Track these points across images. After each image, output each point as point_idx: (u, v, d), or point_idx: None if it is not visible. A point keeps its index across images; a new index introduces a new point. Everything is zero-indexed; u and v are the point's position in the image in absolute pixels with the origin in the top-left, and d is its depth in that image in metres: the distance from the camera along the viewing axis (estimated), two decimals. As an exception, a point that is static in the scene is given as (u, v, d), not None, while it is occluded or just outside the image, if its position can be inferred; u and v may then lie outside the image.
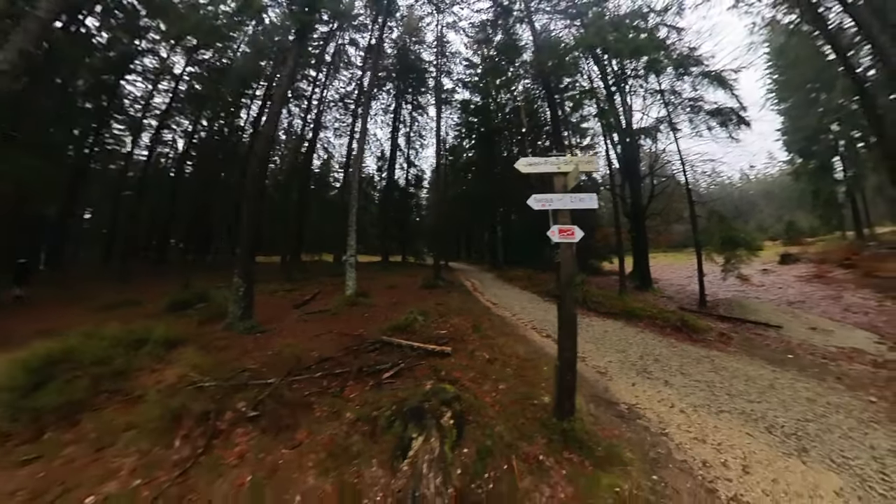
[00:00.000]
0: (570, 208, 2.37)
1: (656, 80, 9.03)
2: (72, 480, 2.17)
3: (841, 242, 18.05)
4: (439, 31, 16.15)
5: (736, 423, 2.81)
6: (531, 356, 4.32)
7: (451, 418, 2.20)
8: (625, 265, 10.37)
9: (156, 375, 3.48)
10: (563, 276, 2.41)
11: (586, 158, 2.48)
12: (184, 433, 2.52)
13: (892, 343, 4.91)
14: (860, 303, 7.45)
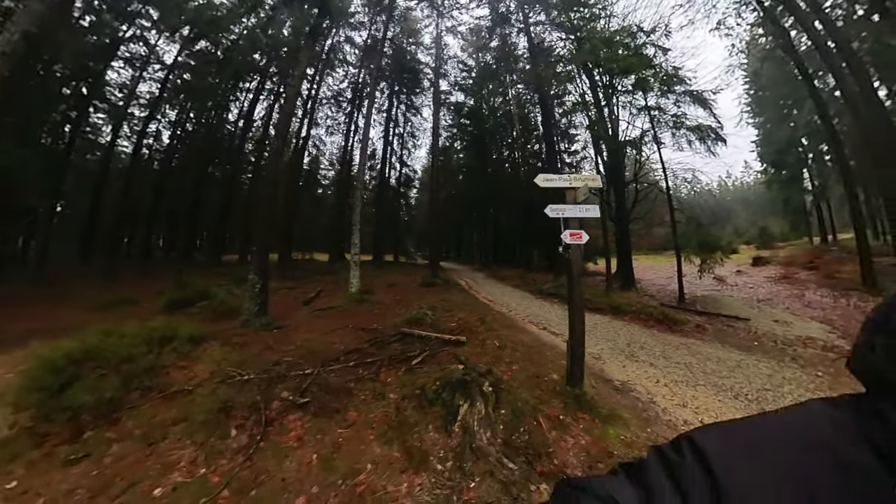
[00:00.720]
0: (579, 217, 2.90)
1: (643, 96, 9.74)
2: (131, 475, 2.19)
3: (807, 247, 19.52)
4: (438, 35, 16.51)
5: (710, 393, 3.40)
6: (534, 344, 4.83)
7: (490, 386, 2.66)
8: (610, 266, 11.11)
9: (185, 372, 3.57)
10: (574, 270, 2.94)
11: (592, 176, 3.01)
12: (237, 423, 2.65)
13: (841, 332, 5.68)
14: (819, 300, 8.31)
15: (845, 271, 11.00)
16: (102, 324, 5.60)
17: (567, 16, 12.30)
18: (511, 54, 15.36)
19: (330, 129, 21.95)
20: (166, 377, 3.37)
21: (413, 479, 2.03)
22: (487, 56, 17.72)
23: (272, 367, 3.55)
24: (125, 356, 3.30)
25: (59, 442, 2.49)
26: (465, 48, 20.33)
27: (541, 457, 2.16)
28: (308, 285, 10.65)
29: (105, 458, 2.34)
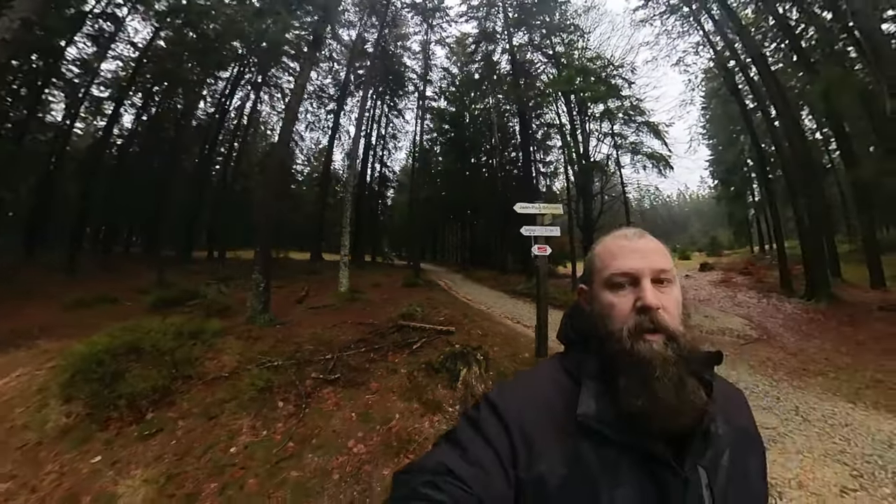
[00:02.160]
0: (545, 235, 3.76)
1: (609, 125, 11.06)
2: (205, 441, 2.65)
3: (746, 255, 21.98)
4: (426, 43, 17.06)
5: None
6: (510, 334, 5.66)
7: (481, 356, 3.51)
8: (577, 269, 12.29)
9: (216, 362, 4.03)
10: (541, 273, 3.83)
11: (555, 207, 3.95)
12: (282, 397, 3.25)
13: (755, 325, 6.95)
14: (747, 300, 9.77)
15: (772, 276, 12.77)
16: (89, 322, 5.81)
17: (549, 41, 13.56)
18: (494, 70, 16.32)
19: (311, 125, 21.57)
20: (202, 367, 3.81)
21: (432, 419, 2.83)
22: (472, 66, 18.53)
23: (296, 355, 4.11)
24: (165, 349, 3.66)
25: (124, 424, 2.86)
26: (451, 57, 21.12)
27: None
28: (295, 284, 10.92)
29: (177, 431, 2.79)
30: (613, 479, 0.44)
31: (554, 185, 21.11)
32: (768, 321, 7.31)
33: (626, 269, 0.51)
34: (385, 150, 25.37)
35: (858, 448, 2.67)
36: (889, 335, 5.61)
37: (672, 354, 0.45)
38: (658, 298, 0.48)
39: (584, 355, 0.53)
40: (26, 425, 2.92)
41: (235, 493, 2.30)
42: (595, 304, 0.54)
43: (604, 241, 0.58)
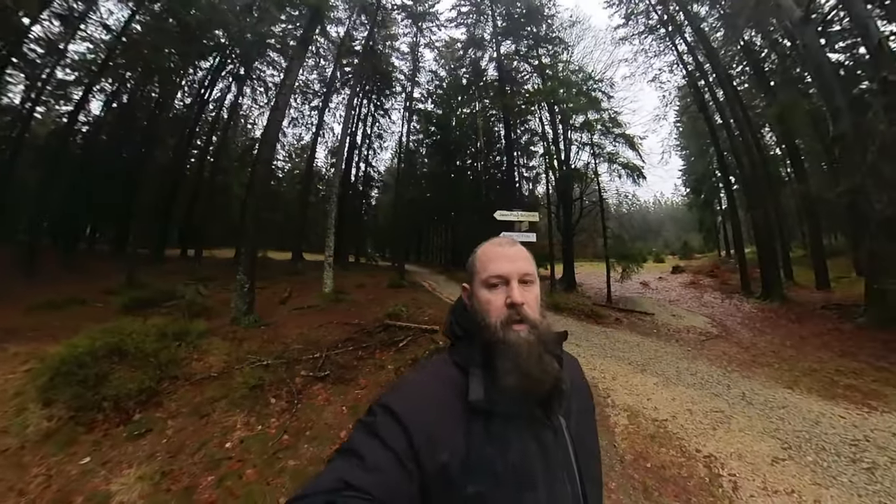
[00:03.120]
0: (522, 240, 4.04)
1: (588, 135, 11.67)
2: (198, 438, 2.69)
3: (714, 259, 23.38)
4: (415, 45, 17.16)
5: (613, 362, 4.70)
6: (490, 333, 5.89)
7: None
8: (556, 271, 12.77)
9: (202, 363, 4.07)
10: None
11: (532, 214, 4.23)
12: (273, 394, 3.35)
13: (716, 323, 7.55)
14: (711, 300, 10.51)
15: (734, 279, 13.72)
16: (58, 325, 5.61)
17: (535, 52, 14.13)
18: (482, 76, 16.64)
19: (294, 121, 20.94)
20: (188, 368, 3.83)
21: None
22: (460, 71, 18.76)
23: (284, 354, 4.19)
24: (149, 351, 3.67)
25: (111, 426, 2.86)
26: (439, 60, 21.30)
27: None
28: (277, 285, 10.77)
29: (167, 430, 2.82)
30: (505, 445, 0.53)
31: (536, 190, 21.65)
32: (728, 319, 7.96)
33: (500, 272, 0.61)
34: (370, 149, 25.06)
35: (791, 426, 3.09)
36: (828, 331, 6.28)
37: (534, 339, 0.57)
38: (523, 296, 0.60)
39: (470, 348, 0.61)
40: (5, 430, 2.88)
41: (234, 482, 2.40)
42: (475, 301, 0.64)
43: (483, 247, 0.68)
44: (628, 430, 3.01)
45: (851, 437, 2.89)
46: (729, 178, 14.28)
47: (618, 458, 2.62)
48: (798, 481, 2.36)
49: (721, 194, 24.46)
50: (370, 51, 17.15)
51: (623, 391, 3.77)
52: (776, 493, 2.26)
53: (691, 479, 2.40)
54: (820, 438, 2.87)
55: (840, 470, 2.48)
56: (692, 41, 12.91)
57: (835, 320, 6.82)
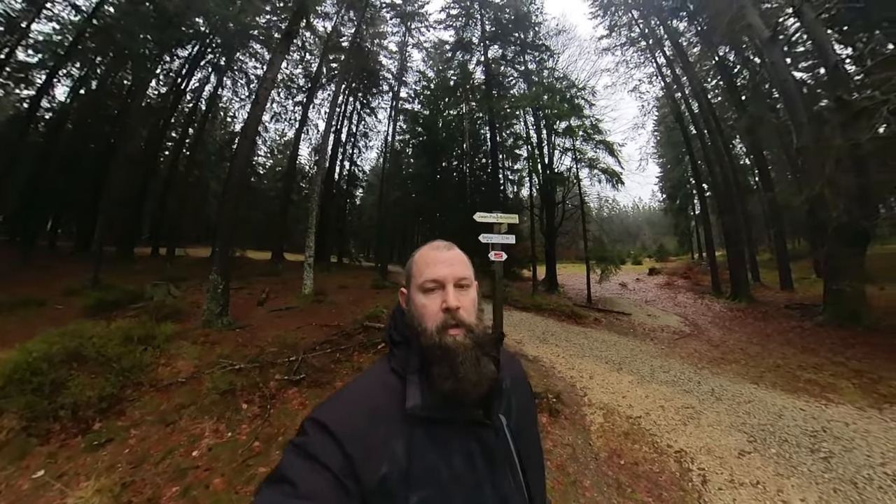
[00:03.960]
0: (501, 242, 4.07)
1: (571, 140, 12.06)
2: (164, 447, 2.55)
3: (688, 261, 24.37)
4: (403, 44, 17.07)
5: (591, 361, 4.79)
6: (472, 333, 5.90)
7: None
8: (538, 273, 12.96)
9: (170, 368, 3.89)
10: (497, 278, 4.13)
11: (511, 217, 4.24)
12: (245, 399, 3.18)
13: (689, 322, 7.84)
14: (685, 301, 10.93)
15: (706, 280, 14.34)
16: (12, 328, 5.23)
17: (521, 57, 14.40)
18: (469, 79, 16.75)
19: (277, 116, 20.38)
20: (154, 373, 3.63)
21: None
22: (448, 73, 18.81)
23: (259, 357, 4.00)
24: (111, 356, 3.48)
25: (68, 436, 2.69)
26: (427, 61, 21.28)
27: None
28: (255, 286, 10.42)
29: (129, 440, 2.67)
30: (447, 450, 0.53)
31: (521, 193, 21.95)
32: (700, 318, 8.29)
33: (436, 276, 0.61)
34: (355, 147, 24.71)
35: (756, 420, 3.23)
36: (791, 328, 6.65)
37: (470, 342, 0.57)
38: (459, 300, 0.60)
39: (408, 353, 0.61)
40: (-50, 444, 2.65)
41: (200, 493, 2.27)
42: (411, 306, 0.63)
43: (420, 251, 0.67)
44: (603, 428, 3.07)
45: (811, 429, 3.05)
46: (702, 185, 14.98)
47: (593, 455, 2.67)
48: (762, 473, 2.47)
49: (695, 200, 25.64)
50: (357, 47, 16.90)
51: (599, 390, 3.85)
52: (742, 485, 2.35)
53: (663, 474, 2.47)
54: (783, 431, 3.02)
55: (800, 460, 2.61)
56: (671, 55, 13.55)
57: (797, 319, 7.24)
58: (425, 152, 23.32)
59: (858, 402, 3.56)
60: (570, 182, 12.82)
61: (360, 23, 14.29)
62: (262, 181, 26.09)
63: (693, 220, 26.96)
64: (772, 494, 2.25)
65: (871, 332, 5.65)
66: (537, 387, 3.58)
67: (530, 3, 15.11)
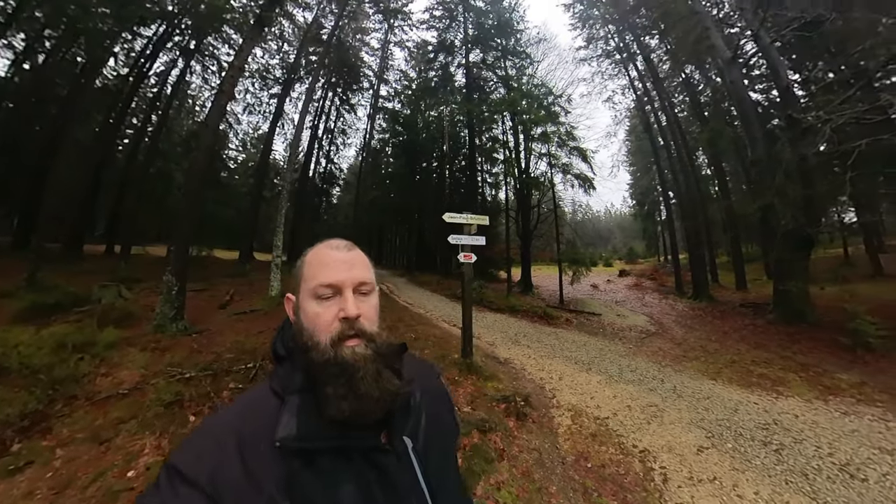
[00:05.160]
0: (471, 244, 4.02)
1: (546, 146, 12.43)
2: (94, 469, 2.29)
3: (654, 263, 25.62)
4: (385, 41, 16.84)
5: (561, 362, 4.82)
6: (443, 336, 5.82)
7: None
8: (512, 275, 13.12)
9: (111, 378, 3.55)
10: (465, 279, 4.07)
11: (482, 217, 4.21)
12: (193, 411, 2.95)
13: (654, 321, 8.16)
14: (651, 301, 11.40)
15: (671, 281, 15.06)
16: None
17: (502, 63, 14.61)
18: (450, 81, 16.78)
19: (250, 107, 19.36)
20: (91, 385, 3.31)
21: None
22: (430, 74, 18.74)
23: (213, 365, 3.72)
24: (39, 366, 3.17)
25: None
26: (409, 61, 21.07)
27: (439, 400, 3.06)
28: (219, 287, 9.82)
29: (54, 462, 2.37)
30: (334, 483, 0.46)
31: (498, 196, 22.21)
32: (665, 317, 8.66)
33: (332, 280, 0.53)
34: (333, 144, 24.05)
35: (714, 415, 3.35)
36: (745, 326, 7.07)
37: (371, 353, 0.51)
38: (359, 308, 0.53)
39: (292, 371, 0.53)
40: None
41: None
42: (301, 315, 0.55)
43: (313, 250, 0.59)
44: (571, 431, 3.06)
45: (763, 422, 3.19)
46: (668, 192, 15.81)
47: (559, 460, 2.63)
48: (719, 468, 2.53)
49: (661, 207, 27.11)
50: (338, 41, 16.41)
51: (568, 391, 3.86)
52: (700, 482, 2.39)
53: (627, 475, 2.47)
54: (738, 425, 3.14)
55: (754, 454, 2.70)
56: (642, 69, 14.30)
57: (750, 317, 7.72)
58: (404, 152, 23.13)
59: (806, 395, 3.79)
60: (545, 186, 13.11)
61: (341, 15, 13.89)
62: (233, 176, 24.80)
63: (660, 225, 28.50)
64: (728, 489, 2.30)
65: (815, 329, 6.10)
66: (506, 390, 3.54)
67: (513, 10, 15.42)
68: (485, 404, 3.18)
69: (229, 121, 20.49)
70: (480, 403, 3.16)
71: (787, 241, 7.10)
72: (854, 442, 2.84)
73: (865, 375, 4.23)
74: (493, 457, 2.48)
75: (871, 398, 3.67)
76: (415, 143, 22.09)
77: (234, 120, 21.01)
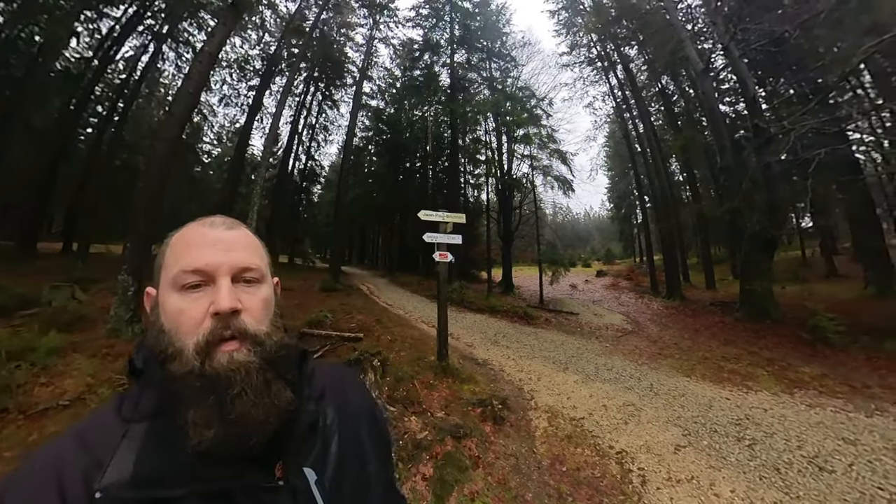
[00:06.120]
0: (447, 242, 3.91)
1: (528, 148, 12.63)
2: None
3: (631, 264, 26.45)
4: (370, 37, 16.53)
5: (539, 362, 4.77)
6: (421, 337, 5.66)
7: (378, 363, 3.29)
8: (494, 275, 13.15)
9: (51, 389, 3.26)
10: (441, 279, 3.96)
11: (458, 216, 4.13)
12: None
13: (630, 320, 8.33)
14: (628, 300, 11.67)
15: (646, 281, 15.53)
16: None
17: (487, 64, 14.67)
18: (435, 80, 16.69)
19: (227, 99, 18.43)
20: (27, 396, 3.01)
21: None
22: (415, 72, 18.56)
23: None
24: None
25: None
26: (394, 58, 20.77)
27: (413, 404, 2.92)
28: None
29: None
30: None
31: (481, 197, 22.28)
32: (640, 316, 8.85)
33: (200, 265, 0.40)
34: (314, 141, 23.37)
35: (689, 412, 3.36)
36: (714, 323, 7.32)
37: (256, 360, 0.39)
38: (240, 300, 0.41)
39: (142, 389, 0.41)
40: None
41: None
42: (159, 312, 0.42)
43: (182, 229, 0.46)
44: (547, 433, 2.98)
45: (735, 417, 3.23)
46: (644, 196, 16.33)
47: (535, 464, 2.54)
48: (696, 467, 2.51)
49: (637, 210, 28.18)
50: (321, 34, 15.90)
51: (546, 392, 3.80)
52: (679, 482, 2.36)
53: (604, 478, 2.40)
54: (712, 422, 3.16)
55: (729, 450, 2.71)
56: (622, 78, 14.77)
57: (719, 314, 8.03)
58: (388, 151, 22.85)
59: (773, 389, 3.90)
60: (527, 188, 13.22)
61: (325, 7, 13.49)
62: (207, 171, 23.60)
63: (636, 227, 29.53)
64: (705, 488, 2.28)
65: (778, 325, 6.38)
66: (483, 393, 3.43)
67: (499, 13, 15.56)
68: (460, 409, 3.05)
69: (203, 112, 19.49)
70: (455, 408, 3.03)
71: (752, 243, 7.43)
72: (820, 434, 2.91)
73: (826, 368, 4.42)
74: (468, 465, 2.35)
75: (833, 390, 3.81)
76: (398, 142, 21.86)
77: (208, 111, 19.98)
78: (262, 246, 0.48)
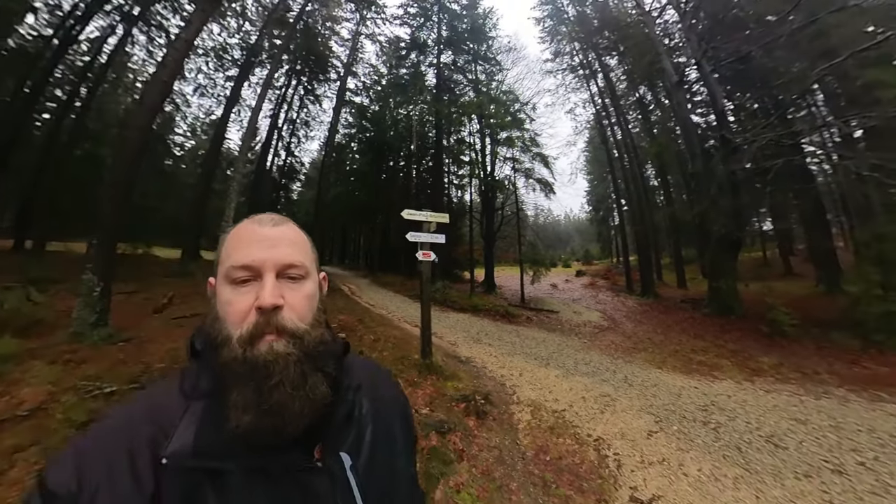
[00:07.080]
0: (431, 242, 3.95)
1: (511, 150, 12.96)
2: None
3: (608, 264, 27.40)
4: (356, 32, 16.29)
5: (521, 358, 4.90)
6: (404, 337, 5.67)
7: None
8: (476, 275, 13.32)
9: (7, 399, 3.03)
10: (424, 278, 4.02)
11: (441, 215, 4.18)
12: None
13: (607, 317, 8.66)
14: (605, 298, 12.10)
15: (622, 280, 16.14)
16: None
17: (472, 66, 14.76)
18: (421, 80, 16.63)
19: (202, 89, 17.48)
20: None
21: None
22: (401, 71, 18.42)
23: (141, 377, 3.27)
24: None
25: None
26: (380, 55, 20.52)
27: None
28: (156, 289, 8.78)
29: None
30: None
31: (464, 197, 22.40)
32: (616, 313, 9.22)
33: (247, 261, 0.43)
34: (294, 136, 22.67)
35: (661, 401, 3.56)
36: (685, 319, 7.76)
37: (295, 352, 0.42)
38: (283, 295, 0.43)
39: (201, 370, 0.45)
40: None
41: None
42: (217, 303, 0.45)
43: (237, 226, 0.49)
44: (531, 426, 3.08)
45: (702, 404, 3.46)
46: (621, 200, 17.05)
47: (520, 455, 2.62)
48: (667, 450, 2.68)
49: (615, 213, 29.25)
50: (305, 26, 15.45)
51: (528, 386, 3.92)
52: (651, 464, 2.51)
53: (583, 464, 2.52)
54: (682, 409, 3.37)
55: (696, 434, 2.91)
56: (602, 86, 15.39)
57: (689, 311, 8.52)
58: (371, 149, 22.46)
59: (736, 377, 4.20)
60: (509, 189, 13.47)
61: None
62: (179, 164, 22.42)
63: (613, 229, 30.66)
64: (675, 469, 2.44)
65: (742, 320, 6.85)
66: (466, 389, 3.50)
67: (486, 17, 15.69)
68: (444, 405, 3.10)
69: (176, 102, 18.42)
70: (440, 404, 3.08)
71: (719, 245, 7.94)
72: (776, 416, 3.17)
73: (782, 357, 4.80)
74: (453, 458, 2.40)
75: (787, 377, 4.15)
76: (382, 141, 21.52)
77: (182, 101, 18.88)
78: (308, 242, 0.51)
